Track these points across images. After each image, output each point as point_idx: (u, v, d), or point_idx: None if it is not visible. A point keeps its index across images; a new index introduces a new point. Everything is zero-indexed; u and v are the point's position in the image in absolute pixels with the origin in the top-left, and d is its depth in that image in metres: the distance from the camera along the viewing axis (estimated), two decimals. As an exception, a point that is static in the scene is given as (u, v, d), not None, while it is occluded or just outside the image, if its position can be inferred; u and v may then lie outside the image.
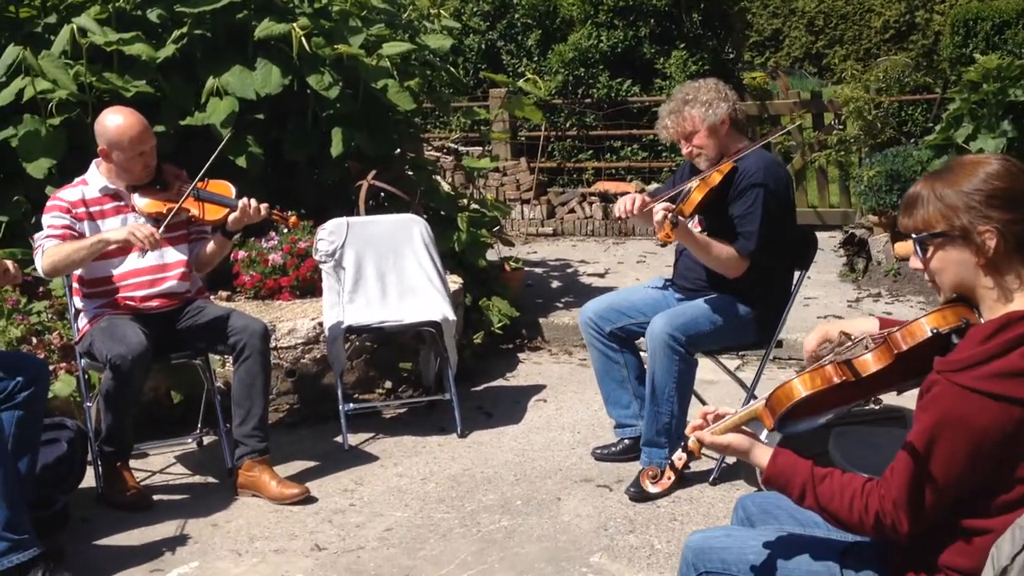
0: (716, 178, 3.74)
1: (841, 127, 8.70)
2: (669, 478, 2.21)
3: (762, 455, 2.02)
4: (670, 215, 3.55)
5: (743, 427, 2.07)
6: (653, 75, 10.24)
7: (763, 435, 2.11)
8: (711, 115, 3.77)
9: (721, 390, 4.79)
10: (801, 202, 9.17)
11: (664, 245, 7.55)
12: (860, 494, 1.89)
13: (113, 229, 3.82)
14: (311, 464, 4.23)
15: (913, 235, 1.95)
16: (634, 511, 3.69)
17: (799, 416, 2.01)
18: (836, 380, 1.96)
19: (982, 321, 1.89)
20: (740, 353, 5.35)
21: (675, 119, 3.83)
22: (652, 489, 2.25)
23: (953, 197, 1.89)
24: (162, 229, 3.79)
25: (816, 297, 6.48)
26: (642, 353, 4.04)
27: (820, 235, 4.09)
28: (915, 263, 1.99)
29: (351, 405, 4.57)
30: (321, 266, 4.70)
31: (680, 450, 2.15)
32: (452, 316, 4.60)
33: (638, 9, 10.41)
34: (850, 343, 2.06)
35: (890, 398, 2.17)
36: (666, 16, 10.46)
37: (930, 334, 1.90)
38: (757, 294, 3.87)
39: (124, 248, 3.78)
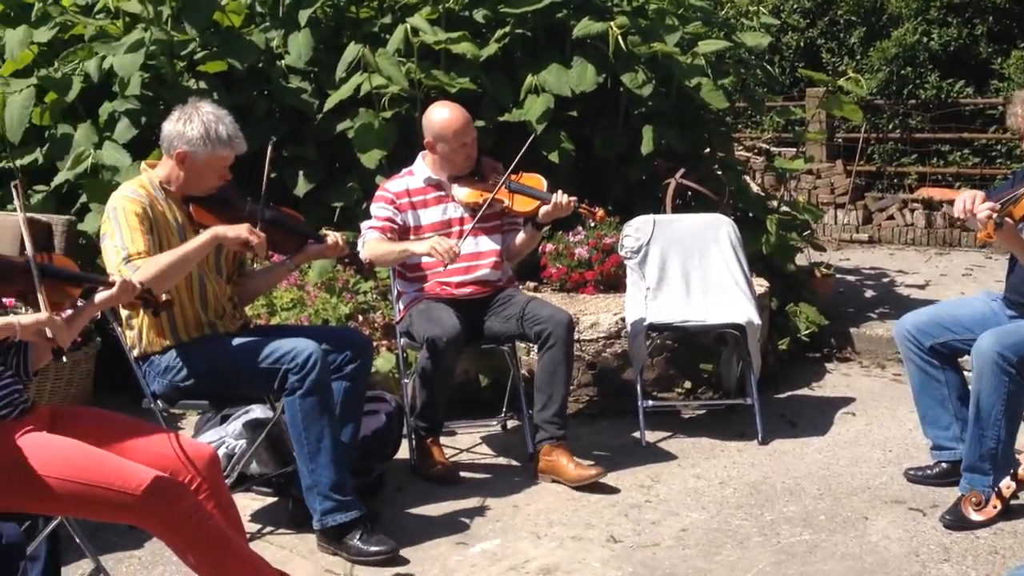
0: None
1: None
2: (995, 507, 2.03)
3: None
4: (995, 214, 3.27)
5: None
6: (989, 76, 9.48)
7: None
8: None
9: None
10: None
11: (984, 246, 7.04)
12: None
13: (418, 242, 4.00)
14: (608, 456, 4.26)
15: None
16: (950, 539, 3.40)
17: None
18: None
19: None
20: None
21: None
22: (975, 517, 2.08)
23: None
24: (474, 222, 4.00)
25: None
26: (966, 372, 3.74)
27: None
28: None
29: (650, 402, 4.56)
30: (626, 262, 4.72)
31: (1009, 478, 1.96)
32: (757, 319, 4.48)
33: (975, 5, 9.68)
34: None
35: None
36: (1006, 13, 9.65)
37: None
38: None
39: None
